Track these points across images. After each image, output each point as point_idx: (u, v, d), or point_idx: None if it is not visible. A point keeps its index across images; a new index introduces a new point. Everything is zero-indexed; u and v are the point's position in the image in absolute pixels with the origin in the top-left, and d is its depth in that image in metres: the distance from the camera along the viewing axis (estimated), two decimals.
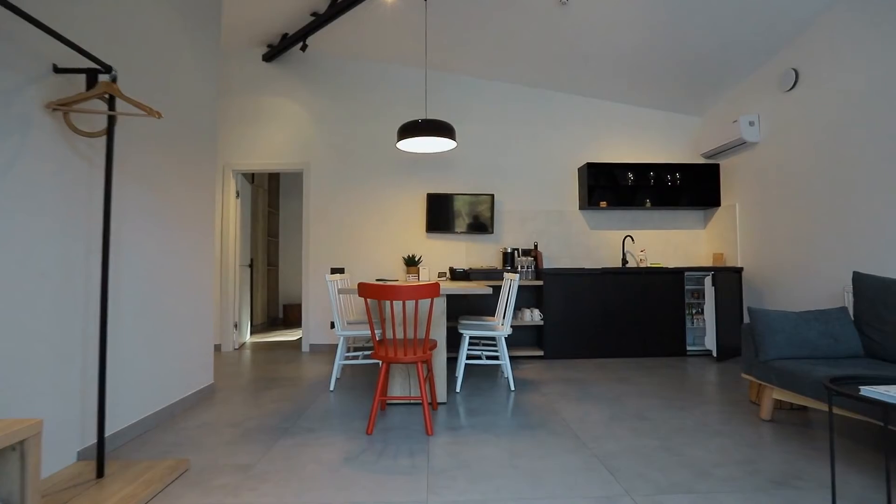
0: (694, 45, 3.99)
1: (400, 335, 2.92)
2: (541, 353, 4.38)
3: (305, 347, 4.81)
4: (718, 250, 4.85)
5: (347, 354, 3.59)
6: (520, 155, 5.02)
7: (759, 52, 4.00)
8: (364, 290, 2.36)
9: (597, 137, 5.09)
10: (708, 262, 5.04)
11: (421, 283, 2.34)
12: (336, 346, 4.80)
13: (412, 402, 2.90)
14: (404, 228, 4.90)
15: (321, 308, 4.83)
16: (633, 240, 4.83)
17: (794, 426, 2.45)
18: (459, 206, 4.81)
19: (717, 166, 4.83)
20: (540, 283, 4.44)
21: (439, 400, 2.91)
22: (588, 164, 4.77)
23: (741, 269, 4.46)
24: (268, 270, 6.97)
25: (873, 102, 3.15)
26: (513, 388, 3.26)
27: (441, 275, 4.82)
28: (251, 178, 6.16)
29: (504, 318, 3.41)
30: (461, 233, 4.85)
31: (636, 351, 4.42)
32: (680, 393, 3.13)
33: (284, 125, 4.91)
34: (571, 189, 5.05)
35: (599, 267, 4.88)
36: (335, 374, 3.26)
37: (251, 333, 5.98)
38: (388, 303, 2.93)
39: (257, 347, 5.02)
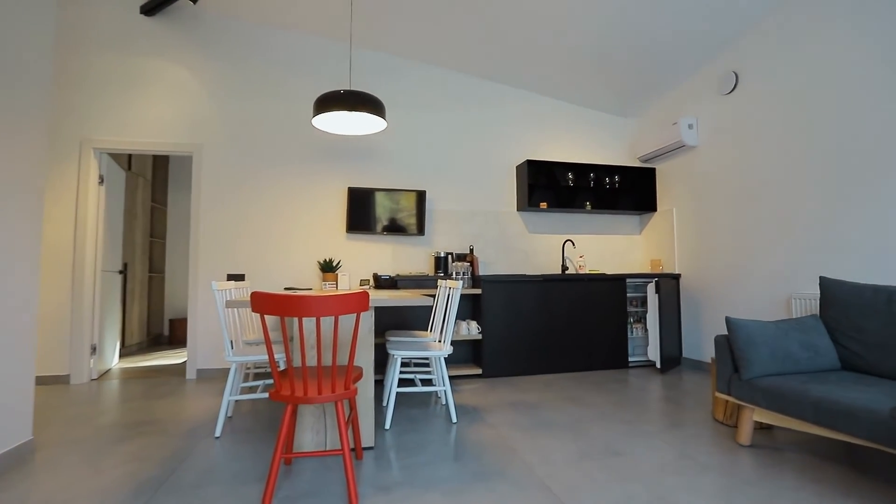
0: (635, 45, 3.79)
1: (313, 363, 2.21)
2: (479, 371, 3.87)
3: (191, 374, 3.84)
4: (655, 256, 4.72)
5: (245, 385, 2.78)
6: (455, 149, 4.52)
7: (699, 55, 3.91)
8: (260, 302, 1.65)
9: (536, 134, 4.76)
10: (644, 269, 4.91)
11: (343, 293, 1.69)
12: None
13: (329, 454, 2.21)
14: (320, 228, 4.15)
15: (214, 323, 3.89)
16: (573, 244, 4.53)
17: (778, 452, 2.16)
18: (386, 203, 4.18)
19: (653, 171, 4.72)
20: (478, 291, 3.95)
21: (365, 444, 2.24)
22: (528, 161, 4.40)
23: (679, 275, 4.34)
24: (149, 278, 5.75)
25: (812, 106, 3.09)
26: (454, 420, 2.68)
27: (364, 282, 4.14)
28: (127, 162, 4.99)
29: (443, 334, 2.83)
30: (387, 234, 4.21)
31: (580, 364, 4.09)
32: (641, 415, 2.78)
33: (169, 96, 3.93)
34: (509, 188, 4.65)
35: (539, 273, 4.52)
36: (223, 413, 2.45)
37: (120, 357, 4.79)
38: (296, 320, 2.20)
39: (127, 376, 3.93)
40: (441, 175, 4.47)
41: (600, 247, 4.88)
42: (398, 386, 3.50)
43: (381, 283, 3.97)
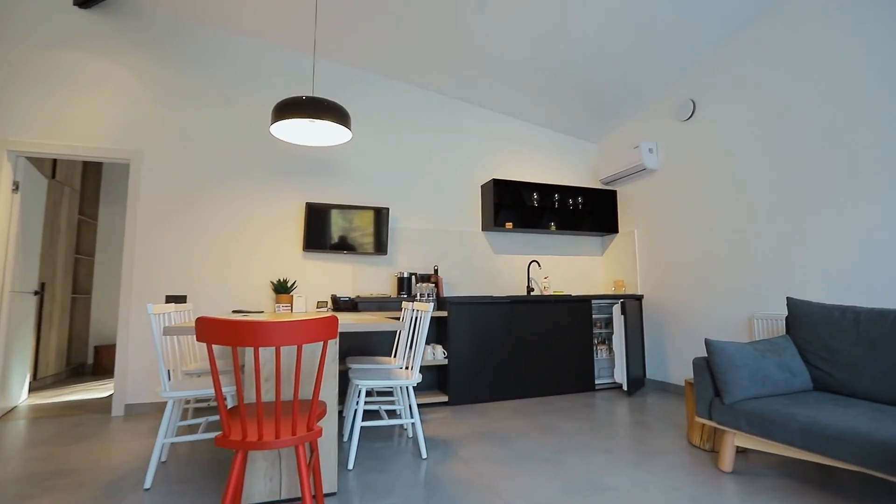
0: (598, 71, 3.86)
1: (270, 397, 1.93)
2: (444, 398, 3.66)
3: (118, 409, 3.36)
4: (618, 277, 4.76)
5: (183, 423, 2.41)
6: (419, 166, 4.39)
7: (659, 82, 4.04)
8: (208, 329, 1.39)
9: (502, 154, 4.73)
10: (606, 290, 4.93)
11: (309, 318, 1.46)
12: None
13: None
14: (275, 245, 3.84)
15: (148, 351, 3.45)
16: (539, 265, 4.48)
17: (761, 478, 2.10)
18: (346, 220, 3.95)
19: (614, 193, 4.80)
20: (443, 313, 3.77)
21: (327, 490, 1.97)
22: (495, 180, 4.33)
23: (641, 296, 4.38)
24: (73, 300, 5.11)
25: (763, 134, 3.23)
26: (424, 456, 2.45)
27: (321, 304, 3.85)
28: (51, 169, 4.45)
29: (411, 361, 2.62)
30: (348, 252, 3.96)
31: (547, 388, 3.97)
32: (617, 442, 2.67)
33: (105, 97, 3.54)
34: (474, 208, 4.56)
35: (505, 295, 4.41)
36: (156, 459, 2.09)
37: (30, 392, 4.16)
38: (249, 350, 1.92)
39: (38, 414, 3.38)
40: (405, 192, 4.30)
41: (564, 268, 4.86)
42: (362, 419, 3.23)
43: (341, 305, 3.71)
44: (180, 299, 3.55)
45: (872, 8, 2.65)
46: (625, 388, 3.90)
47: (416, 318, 2.74)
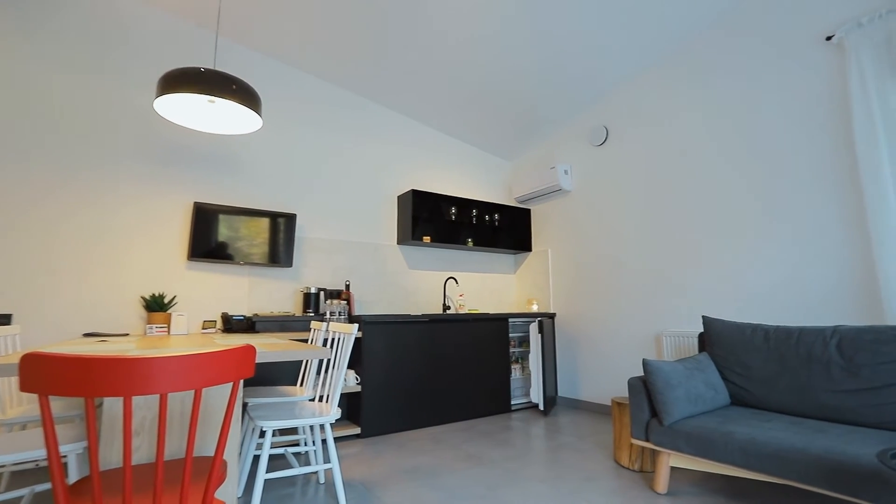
0: (518, 92, 3.89)
1: (141, 459, 1.41)
2: (357, 430, 3.24)
3: None
4: (530, 296, 4.79)
5: None
6: (332, 171, 3.97)
7: (575, 107, 4.20)
8: (40, 371, 0.90)
9: (421, 165, 4.51)
10: (519, 308, 4.94)
11: (218, 350, 1.05)
12: None
13: None
14: (151, 253, 3.12)
15: None
16: (457, 282, 4.31)
17: (698, 497, 2.09)
18: (244, 226, 3.38)
19: (528, 212, 4.87)
20: (357, 334, 3.38)
21: None
22: (414, 191, 4.09)
23: (554, 314, 4.44)
24: None
25: (675, 161, 3.49)
26: None
27: (209, 324, 3.21)
28: None
29: (329, 391, 2.21)
30: (245, 263, 3.38)
31: (466, 412, 3.77)
32: (549, 468, 2.54)
33: None
34: (390, 219, 4.26)
35: (420, 313, 4.14)
36: None
37: None
38: (118, 400, 1.35)
39: None
40: (315, 198, 3.85)
41: (478, 285, 4.76)
42: (267, 469, 2.68)
43: (234, 325, 3.12)
44: (3, 320, 2.66)
45: (771, 53, 2.99)
46: (541, 407, 3.86)
47: (338, 341, 2.34)
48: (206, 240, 3.21)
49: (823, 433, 1.81)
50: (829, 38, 2.68)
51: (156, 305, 2.96)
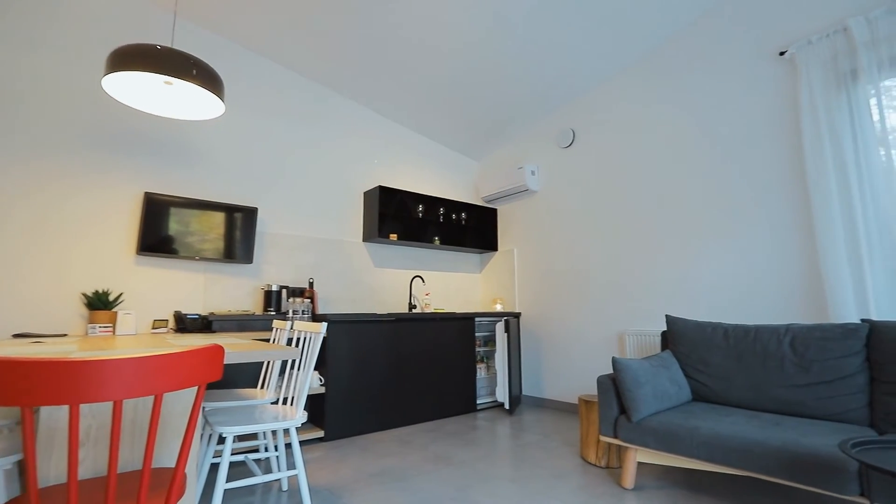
0: (486, 92, 3.90)
1: (94, 470, 1.27)
2: (320, 433, 3.13)
3: None
4: (496, 295, 4.81)
5: None
6: (297, 164, 3.82)
7: (543, 109, 4.24)
8: None
9: (388, 161, 4.42)
10: (485, 308, 4.95)
11: (179, 351, 0.95)
12: None
13: None
14: (95, 246, 2.87)
15: None
16: (423, 280, 4.26)
17: (663, 490, 2.14)
18: (201, 219, 3.18)
19: (495, 211, 4.88)
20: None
21: None
22: (381, 187, 4.00)
23: (519, 314, 4.47)
24: None
25: (639, 165, 3.59)
26: None
27: (159, 323, 3.00)
28: None
29: (298, 393, 2.10)
30: (200, 259, 3.19)
31: (432, 412, 3.72)
32: (518, 468, 2.53)
33: None
34: (356, 216, 4.15)
35: (386, 312, 4.06)
36: None
37: None
38: (57, 407, 1.19)
39: None
40: (277, 192, 3.68)
41: (443, 284, 4.73)
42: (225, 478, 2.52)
43: (188, 324, 2.92)
44: None
45: (731, 65, 3.12)
46: (507, 406, 3.87)
47: (304, 340, 2.23)
48: (157, 233, 2.99)
49: (779, 426, 1.90)
50: (782, 54, 2.83)
51: (99, 303, 2.73)
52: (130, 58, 1.84)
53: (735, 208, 2.98)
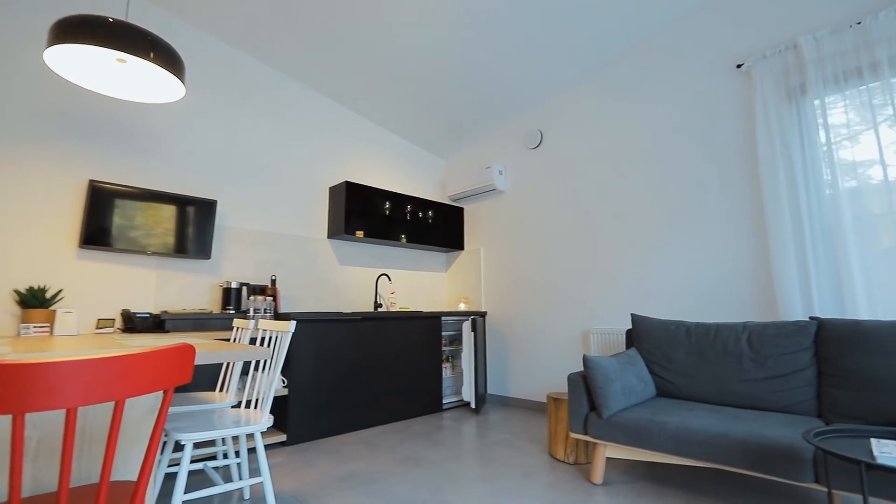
0: (455, 90, 3.89)
1: (30, 489, 1.12)
2: (282, 437, 2.99)
3: None
4: (461, 294, 4.80)
5: None
6: (259, 155, 3.64)
7: (511, 110, 4.27)
8: None
9: (354, 157, 4.31)
10: (450, 307, 4.93)
11: (145, 350, 0.86)
12: None
13: None
14: (29, 237, 2.60)
15: None
16: (389, 279, 4.18)
17: (631, 484, 2.19)
18: (152, 211, 2.97)
19: (461, 210, 4.87)
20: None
21: None
22: (348, 182, 3.89)
23: (485, 313, 4.48)
24: None
25: (605, 167, 3.69)
26: None
27: (105, 322, 2.77)
28: None
29: (264, 396, 1.99)
30: (151, 254, 2.97)
31: (398, 413, 3.66)
32: (489, 467, 2.53)
33: None
34: (320, 211, 4.02)
35: (350, 311, 3.95)
36: None
37: None
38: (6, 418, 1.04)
39: None
40: (238, 185, 3.50)
41: (409, 283, 4.67)
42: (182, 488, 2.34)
43: (137, 324, 2.72)
44: None
45: (691, 74, 3.25)
46: (473, 406, 3.87)
47: (270, 340, 2.12)
48: (103, 224, 2.76)
49: (739, 419, 1.99)
50: (739, 66, 2.98)
51: (34, 301, 2.48)
52: (78, 29, 1.67)
53: (695, 212, 3.12)
